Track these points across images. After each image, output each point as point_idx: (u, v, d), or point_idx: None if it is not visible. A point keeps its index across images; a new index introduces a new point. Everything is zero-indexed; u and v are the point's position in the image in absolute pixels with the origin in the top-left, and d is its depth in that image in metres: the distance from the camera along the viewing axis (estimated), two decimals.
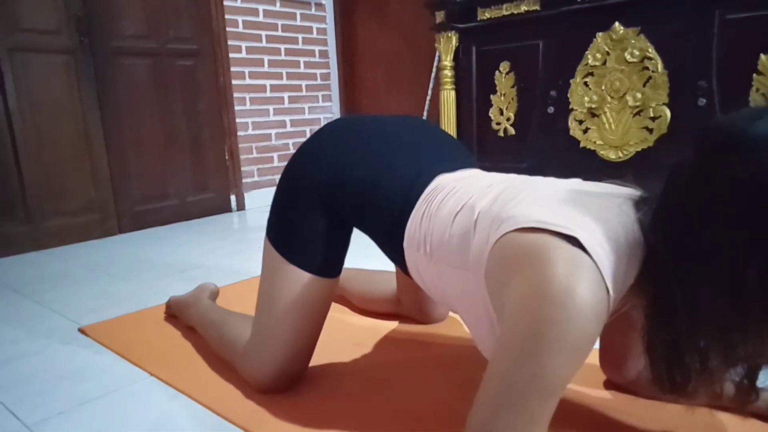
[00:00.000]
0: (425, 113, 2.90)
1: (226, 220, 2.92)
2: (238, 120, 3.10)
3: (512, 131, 2.33)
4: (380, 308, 1.42)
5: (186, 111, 2.87)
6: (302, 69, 3.41)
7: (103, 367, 1.21)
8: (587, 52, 2.04)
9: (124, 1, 2.57)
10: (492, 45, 2.33)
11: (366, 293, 1.45)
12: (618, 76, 1.98)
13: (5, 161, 2.27)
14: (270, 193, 1.05)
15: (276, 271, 1.00)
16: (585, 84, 2.07)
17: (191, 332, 1.34)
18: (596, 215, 0.64)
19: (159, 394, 1.08)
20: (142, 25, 2.65)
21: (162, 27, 2.72)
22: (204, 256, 2.16)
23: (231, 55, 3.02)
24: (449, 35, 2.40)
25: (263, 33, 3.17)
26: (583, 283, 0.58)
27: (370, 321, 1.40)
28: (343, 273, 1.48)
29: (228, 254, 2.19)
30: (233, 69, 3.04)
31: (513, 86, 2.30)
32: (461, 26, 2.38)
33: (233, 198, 3.15)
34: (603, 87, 2.03)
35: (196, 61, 2.89)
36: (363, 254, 1.22)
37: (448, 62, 2.42)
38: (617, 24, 1.95)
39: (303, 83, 3.42)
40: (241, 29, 3.06)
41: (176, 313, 1.43)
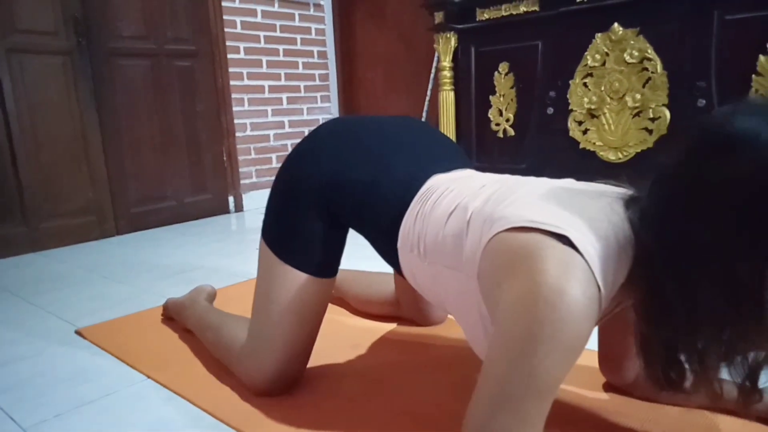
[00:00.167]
0: (424, 114, 2.90)
1: (224, 222, 2.91)
2: (237, 121, 3.10)
3: (511, 132, 2.33)
4: (378, 310, 1.42)
5: (184, 112, 2.86)
6: (301, 70, 3.40)
7: (101, 370, 1.20)
8: (586, 53, 2.04)
9: (122, 2, 2.57)
10: (491, 46, 2.33)
11: (364, 295, 1.44)
12: (617, 77, 1.98)
13: (2, 162, 2.27)
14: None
15: (272, 273, 0.99)
16: (584, 85, 2.07)
17: (188, 334, 1.33)
18: (587, 214, 0.65)
19: (156, 397, 1.07)
20: (140, 26, 2.65)
21: (160, 28, 2.72)
22: (202, 258, 2.15)
23: (229, 56, 3.01)
24: (448, 36, 2.40)
25: (261, 34, 3.16)
26: (575, 283, 0.59)
27: (369, 323, 1.40)
28: (342, 275, 1.49)
29: (226, 256, 2.18)
30: (231, 70, 3.03)
31: (512, 87, 2.29)
32: (460, 27, 2.37)
33: (231, 199, 3.14)
34: (602, 88, 2.02)
35: (194, 62, 2.88)
36: (361, 255, 1.21)
37: (447, 63, 2.42)
38: (616, 25, 1.95)
39: (301, 84, 3.42)
40: (240, 30, 3.05)
41: (173, 316, 1.42)
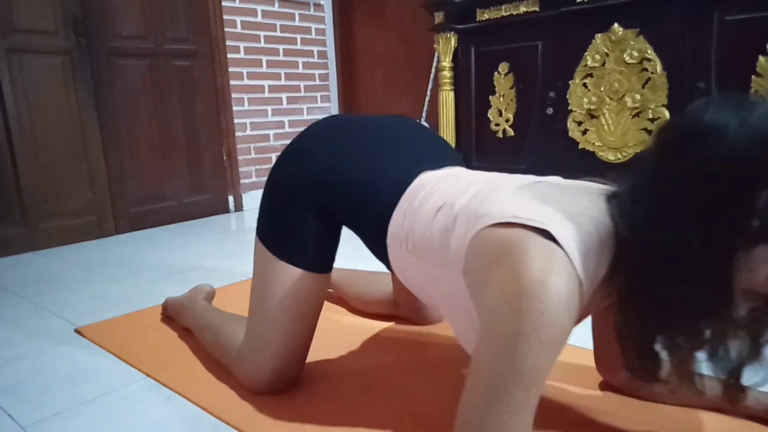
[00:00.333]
0: (424, 114, 2.90)
1: (224, 222, 2.91)
2: (236, 121, 3.10)
3: (511, 132, 2.33)
4: (376, 309, 1.42)
5: (183, 112, 2.86)
6: (301, 69, 3.40)
7: (100, 369, 1.20)
8: (586, 53, 2.04)
9: (121, 2, 2.57)
10: (491, 46, 2.33)
11: (362, 294, 1.45)
12: (617, 78, 1.98)
13: (2, 162, 2.27)
14: None
15: (268, 270, 0.99)
16: (584, 85, 2.07)
17: (188, 334, 1.33)
18: (570, 210, 0.67)
19: (155, 396, 1.07)
20: (139, 26, 2.65)
21: (159, 27, 2.72)
22: (202, 258, 2.15)
23: (229, 56, 3.01)
24: (448, 36, 2.40)
25: (261, 33, 3.16)
26: (556, 276, 0.60)
27: (367, 322, 1.40)
28: (340, 274, 1.50)
29: (226, 255, 2.18)
30: (231, 69, 3.03)
31: (512, 87, 2.29)
32: (460, 27, 2.37)
33: (231, 199, 3.14)
34: (602, 88, 2.02)
35: (194, 62, 2.88)
36: (360, 255, 1.21)
37: (447, 63, 2.42)
38: (616, 25, 1.95)
39: (301, 84, 3.42)
40: (240, 30, 3.05)
41: (172, 315, 1.42)
